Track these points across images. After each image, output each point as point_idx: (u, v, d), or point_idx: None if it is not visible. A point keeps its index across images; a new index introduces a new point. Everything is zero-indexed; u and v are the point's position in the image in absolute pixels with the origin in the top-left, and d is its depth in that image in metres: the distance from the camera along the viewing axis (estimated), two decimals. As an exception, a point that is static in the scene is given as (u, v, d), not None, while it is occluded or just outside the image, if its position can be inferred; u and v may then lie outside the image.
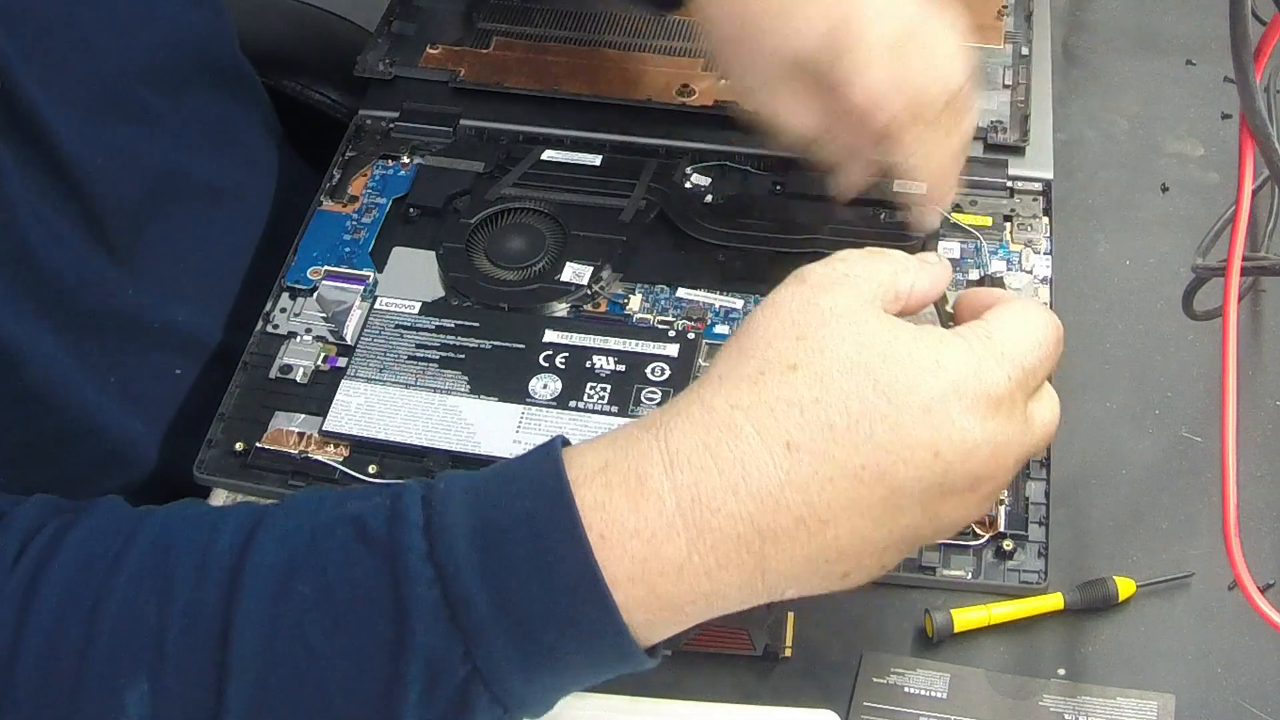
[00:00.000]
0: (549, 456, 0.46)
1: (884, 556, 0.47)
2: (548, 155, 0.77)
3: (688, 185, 0.75)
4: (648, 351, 0.67)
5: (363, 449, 0.65)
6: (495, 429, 0.64)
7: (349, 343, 0.69)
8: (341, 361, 0.68)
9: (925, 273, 0.50)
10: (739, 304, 0.70)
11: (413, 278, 0.71)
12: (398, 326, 0.69)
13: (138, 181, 0.66)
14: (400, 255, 0.73)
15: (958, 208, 0.73)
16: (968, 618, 0.59)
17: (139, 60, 0.66)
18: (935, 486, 0.45)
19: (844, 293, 0.47)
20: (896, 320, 0.47)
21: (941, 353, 0.45)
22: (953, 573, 0.61)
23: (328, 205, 0.75)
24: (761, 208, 0.74)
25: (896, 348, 0.45)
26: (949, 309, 0.54)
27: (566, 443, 0.47)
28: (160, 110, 0.68)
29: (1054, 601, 0.59)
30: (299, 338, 0.69)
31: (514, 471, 0.46)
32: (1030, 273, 0.71)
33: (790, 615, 0.60)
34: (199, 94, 0.72)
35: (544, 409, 0.65)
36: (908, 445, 0.44)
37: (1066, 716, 0.57)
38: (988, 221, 0.73)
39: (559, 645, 0.44)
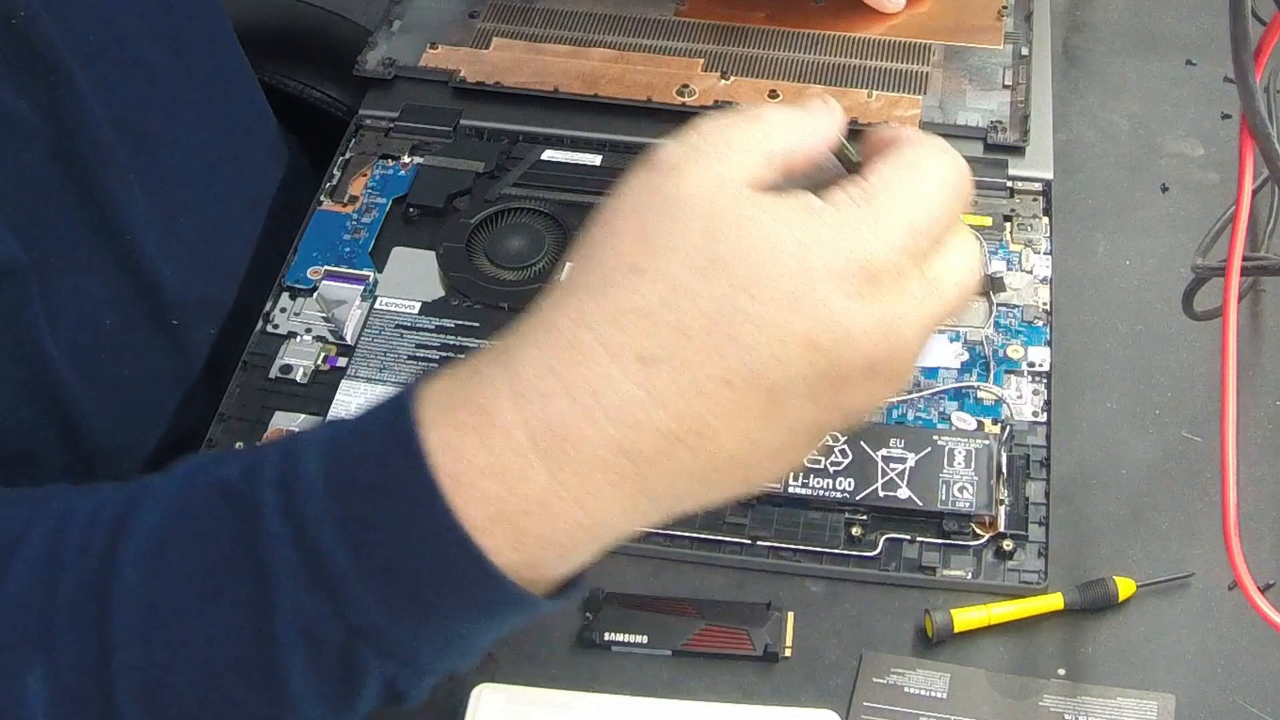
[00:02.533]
0: (399, 400, 0.42)
1: (786, 454, 0.42)
2: (548, 155, 0.77)
3: (688, 185, 0.75)
4: (648, 351, 0.67)
5: (363, 449, 0.65)
6: (495, 429, 0.64)
7: (349, 343, 0.69)
8: (341, 361, 0.68)
9: (804, 125, 0.43)
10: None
11: (413, 278, 0.71)
12: (398, 326, 0.69)
13: (134, 137, 0.65)
14: (400, 255, 0.73)
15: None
16: (968, 618, 0.59)
17: (126, 18, 0.66)
18: (822, 379, 0.40)
19: (696, 172, 0.40)
20: (756, 197, 0.40)
21: (807, 229, 0.39)
22: (953, 573, 0.61)
23: (328, 205, 0.75)
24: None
25: (753, 232, 0.39)
26: (854, 156, 0.44)
27: (429, 380, 0.43)
28: (146, 73, 0.68)
29: (1054, 601, 0.59)
30: (299, 338, 0.69)
31: (368, 418, 0.43)
32: (1030, 273, 0.71)
33: (790, 615, 0.60)
34: (173, 69, 0.71)
35: (544, 409, 0.65)
36: (778, 341, 0.39)
37: (1066, 716, 0.56)
38: (988, 221, 0.73)
39: (434, 597, 0.41)
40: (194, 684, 0.43)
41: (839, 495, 0.62)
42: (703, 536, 0.62)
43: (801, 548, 0.61)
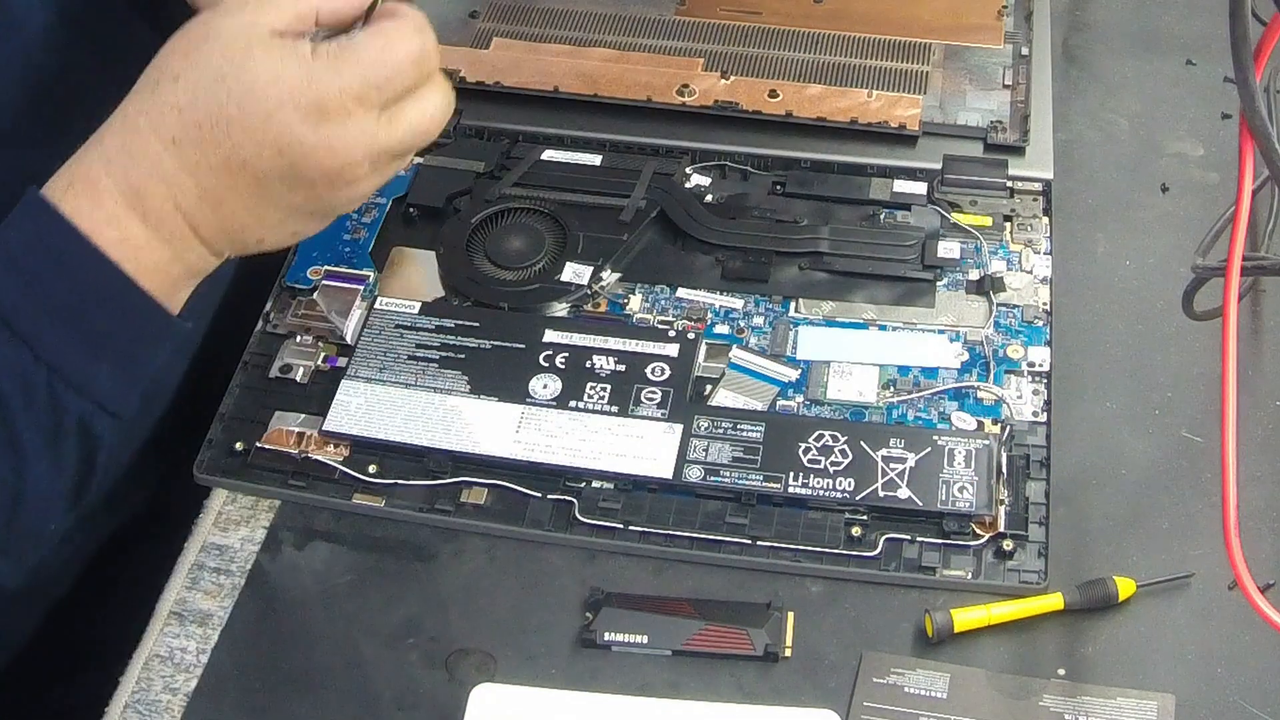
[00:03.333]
0: (32, 193, 0.54)
1: (290, 226, 0.57)
2: (548, 155, 0.77)
3: (688, 185, 0.75)
4: (648, 351, 0.67)
5: (363, 449, 0.65)
6: (495, 429, 0.64)
7: (349, 343, 0.69)
8: (341, 361, 0.68)
9: None
10: (739, 304, 0.70)
11: (413, 278, 0.71)
12: (398, 326, 0.69)
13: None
14: (400, 255, 0.73)
15: (957, 208, 0.74)
16: (968, 618, 0.59)
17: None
18: (291, 178, 0.54)
19: (239, 18, 0.54)
20: (268, 41, 0.53)
21: (288, 69, 0.53)
22: (953, 573, 0.61)
23: (328, 205, 0.75)
24: (761, 208, 0.74)
25: (251, 65, 0.53)
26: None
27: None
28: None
29: (1054, 601, 0.59)
30: (299, 338, 0.69)
31: (11, 214, 0.54)
32: (1030, 273, 0.71)
33: (790, 615, 0.60)
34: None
35: (544, 409, 0.65)
36: (256, 145, 0.53)
37: (1066, 716, 0.57)
38: (988, 221, 0.73)
39: (98, 320, 0.54)
40: None
41: (839, 495, 0.62)
42: (703, 536, 0.62)
43: (801, 548, 0.61)
